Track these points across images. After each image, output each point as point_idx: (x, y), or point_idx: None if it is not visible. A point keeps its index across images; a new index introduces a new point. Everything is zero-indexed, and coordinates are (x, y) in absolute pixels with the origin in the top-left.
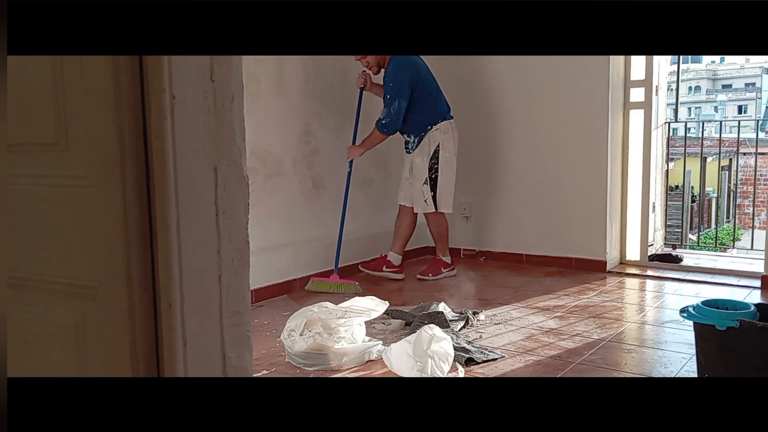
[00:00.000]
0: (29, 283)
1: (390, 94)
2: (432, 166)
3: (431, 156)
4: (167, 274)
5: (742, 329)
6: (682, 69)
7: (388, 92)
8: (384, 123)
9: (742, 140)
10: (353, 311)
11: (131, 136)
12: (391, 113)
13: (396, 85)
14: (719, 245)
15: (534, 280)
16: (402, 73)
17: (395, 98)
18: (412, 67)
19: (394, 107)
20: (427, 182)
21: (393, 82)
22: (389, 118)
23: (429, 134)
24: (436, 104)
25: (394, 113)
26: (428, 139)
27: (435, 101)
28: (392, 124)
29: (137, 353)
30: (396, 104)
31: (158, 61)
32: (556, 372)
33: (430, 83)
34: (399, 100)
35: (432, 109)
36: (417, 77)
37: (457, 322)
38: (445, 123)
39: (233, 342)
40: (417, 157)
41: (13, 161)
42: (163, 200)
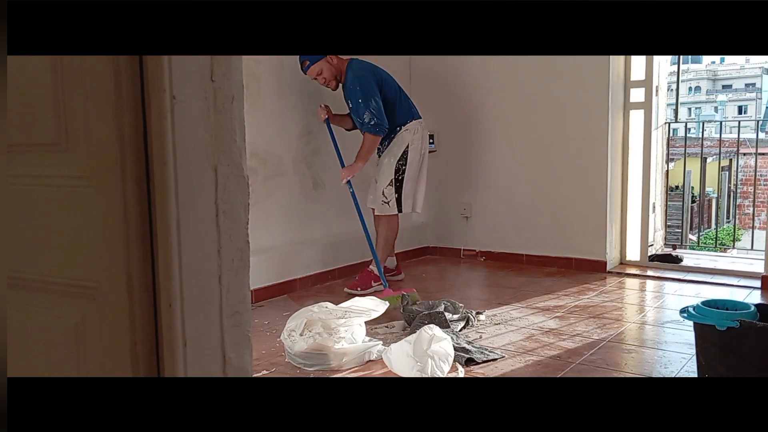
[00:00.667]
0: (29, 283)
1: (362, 98)
2: (399, 167)
3: (399, 157)
4: (167, 274)
5: (742, 329)
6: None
7: (359, 96)
8: (372, 124)
9: (742, 140)
10: (353, 311)
11: (131, 136)
12: (373, 112)
13: (363, 87)
14: (719, 245)
15: (534, 280)
16: (364, 75)
17: (369, 98)
18: (371, 69)
19: (372, 106)
20: (392, 183)
21: (359, 86)
22: (375, 117)
23: (398, 135)
24: (402, 105)
25: (376, 111)
26: (398, 139)
27: (400, 102)
28: (381, 122)
29: (137, 353)
30: (373, 102)
31: (158, 61)
32: (556, 372)
33: (393, 85)
34: (373, 98)
35: (399, 110)
36: (380, 79)
37: (458, 322)
38: (414, 123)
39: (233, 342)
40: (385, 158)
41: (13, 161)
42: (163, 200)
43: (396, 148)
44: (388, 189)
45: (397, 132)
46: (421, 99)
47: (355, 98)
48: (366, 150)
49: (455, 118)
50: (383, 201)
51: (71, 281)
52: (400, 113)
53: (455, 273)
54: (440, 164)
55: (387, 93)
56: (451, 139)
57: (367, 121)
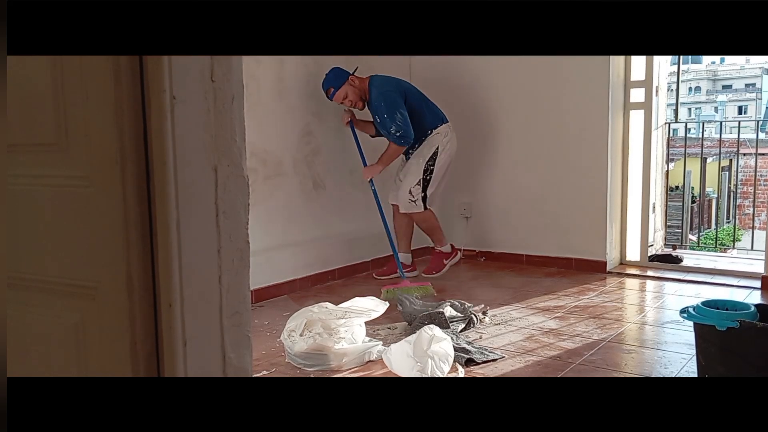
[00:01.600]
0: (29, 283)
1: (387, 113)
2: (428, 167)
3: (429, 158)
4: (167, 274)
5: (742, 330)
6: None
7: (385, 112)
8: (398, 135)
9: (742, 141)
10: (353, 312)
11: (131, 136)
12: (399, 124)
13: (387, 102)
14: (719, 246)
15: (534, 280)
16: (387, 89)
17: (394, 111)
18: (394, 83)
19: (398, 118)
20: (420, 183)
21: (384, 101)
22: (401, 129)
23: (428, 138)
24: (429, 111)
25: (402, 123)
26: (428, 142)
27: (427, 109)
28: (406, 133)
29: (137, 353)
30: (399, 115)
31: (158, 61)
32: (556, 372)
33: (416, 94)
34: (398, 111)
35: (427, 116)
36: (403, 90)
37: (458, 323)
38: (444, 126)
39: (233, 342)
40: (414, 158)
41: (13, 161)
42: (163, 200)
43: (426, 150)
44: (416, 188)
45: (428, 135)
46: None
47: (381, 113)
48: (388, 156)
49: (455, 119)
50: (410, 200)
51: (71, 281)
52: (429, 118)
53: (455, 273)
54: None
55: (412, 103)
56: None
57: (393, 132)
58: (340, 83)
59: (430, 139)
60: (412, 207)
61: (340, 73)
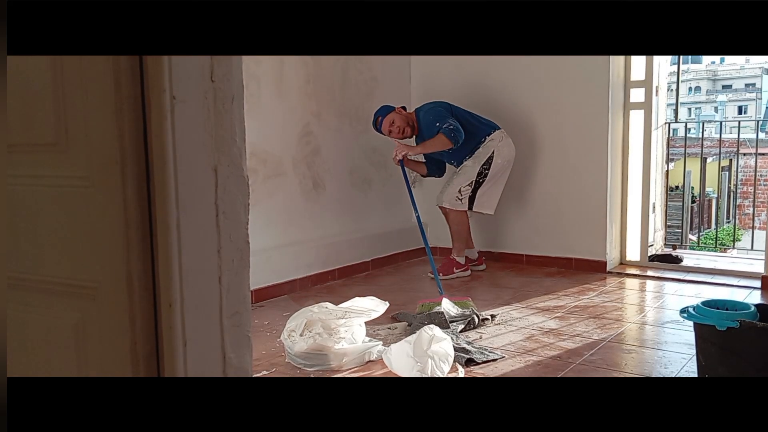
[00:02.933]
0: (29, 283)
1: (438, 120)
2: (483, 171)
3: (484, 162)
4: (167, 274)
5: (742, 330)
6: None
7: (436, 121)
8: (451, 128)
9: (742, 141)
10: (353, 312)
11: (131, 136)
12: (451, 123)
13: (437, 113)
14: (719, 246)
15: (534, 280)
16: (434, 107)
17: (445, 119)
18: (440, 103)
19: (450, 122)
20: (472, 184)
21: (432, 115)
22: (453, 125)
23: (484, 145)
24: (478, 123)
25: (454, 125)
26: (483, 148)
27: (476, 121)
28: (459, 132)
29: (137, 353)
30: (449, 121)
31: (158, 61)
32: (556, 372)
33: (462, 111)
34: (448, 119)
35: (477, 127)
36: (449, 107)
37: (458, 323)
38: (498, 132)
39: (233, 342)
40: (470, 161)
41: (13, 161)
42: (163, 200)
43: (482, 155)
44: (466, 188)
45: (482, 143)
46: (421, 99)
47: (432, 123)
48: (432, 144)
49: None
50: (457, 197)
51: (71, 281)
52: (480, 129)
53: None
54: None
55: (459, 118)
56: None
57: (445, 126)
58: (386, 111)
59: (485, 145)
60: (456, 204)
61: (387, 106)
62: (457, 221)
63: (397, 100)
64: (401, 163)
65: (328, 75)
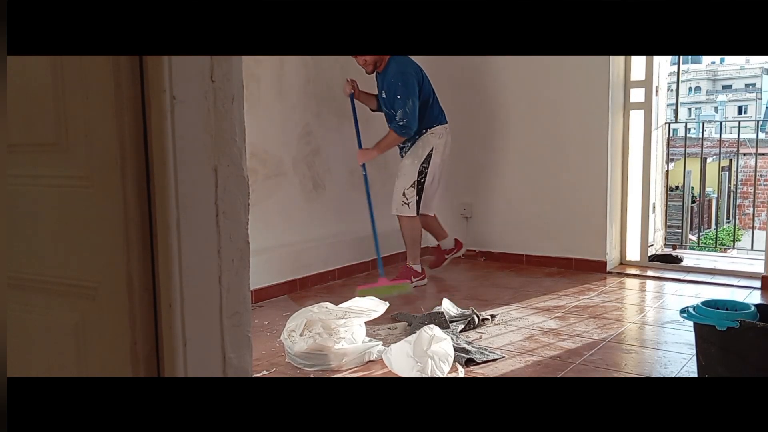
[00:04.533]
0: (29, 283)
1: (401, 95)
2: (423, 170)
3: (423, 160)
4: (167, 274)
5: (742, 330)
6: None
7: (399, 92)
8: (402, 124)
9: (742, 141)
10: (353, 312)
11: (131, 136)
12: (407, 113)
13: (406, 84)
14: (719, 246)
15: (534, 280)
16: (409, 73)
17: (408, 97)
18: (415, 68)
19: (409, 107)
20: (415, 185)
21: (402, 82)
22: (406, 118)
23: (423, 138)
24: (432, 109)
25: (411, 113)
26: (422, 142)
27: (432, 105)
28: (410, 124)
29: (137, 353)
30: (410, 103)
31: (158, 61)
32: (556, 372)
33: (429, 87)
34: (412, 99)
35: (429, 113)
36: (420, 79)
37: (458, 323)
38: (441, 127)
39: (233, 342)
40: (407, 158)
41: (13, 161)
42: (163, 200)
43: (420, 150)
44: (410, 191)
45: (422, 134)
46: None
47: (394, 92)
48: (386, 144)
49: (455, 119)
50: (404, 202)
51: (71, 281)
52: (429, 116)
53: (455, 273)
54: None
55: (423, 94)
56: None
57: (398, 119)
58: None
59: (424, 138)
60: (404, 210)
61: None
62: (409, 227)
63: None
64: (351, 96)
65: (328, 75)
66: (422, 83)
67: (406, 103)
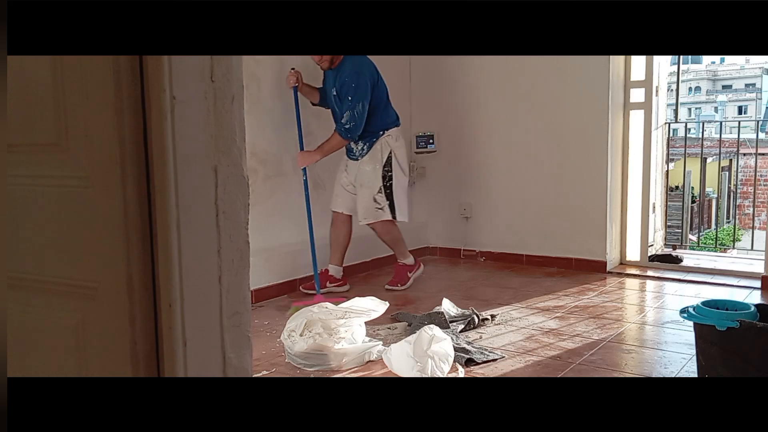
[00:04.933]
0: (29, 283)
1: (353, 96)
2: (386, 173)
3: (384, 163)
4: (167, 274)
5: (742, 330)
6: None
7: (351, 93)
8: (348, 128)
9: (742, 141)
10: (353, 312)
11: (131, 136)
12: (355, 117)
13: (359, 86)
14: (719, 246)
15: (534, 280)
16: (364, 74)
17: (359, 100)
18: (371, 69)
19: (358, 110)
20: (382, 191)
21: (356, 83)
22: (353, 122)
23: (381, 140)
24: (388, 109)
25: (358, 117)
26: (380, 145)
27: (387, 106)
28: (356, 128)
29: (137, 353)
30: (360, 107)
31: (158, 61)
32: (556, 372)
33: (383, 89)
34: (363, 102)
35: (384, 114)
36: (374, 81)
37: (458, 323)
38: (396, 129)
39: (233, 342)
40: (367, 164)
41: (13, 161)
42: (163, 200)
43: (380, 154)
44: (380, 195)
45: (379, 136)
46: (421, 99)
47: (345, 92)
48: (330, 147)
49: (455, 118)
50: (377, 207)
51: (71, 281)
52: (384, 117)
53: (455, 273)
54: (440, 164)
55: (377, 95)
56: (451, 139)
57: (343, 122)
58: None
59: (381, 141)
60: (379, 215)
61: None
62: (386, 231)
63: (397, 100)
64: (295, 89)
65: None
66: (376, 85)
67: (355, 106)
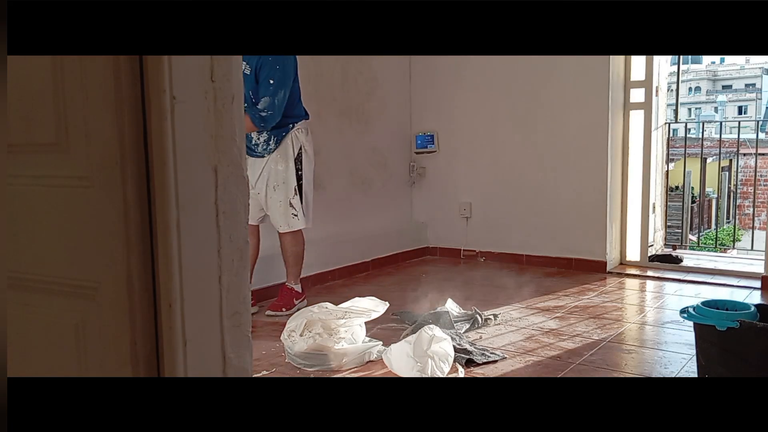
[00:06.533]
0: (29, 283)
1: (275, 81)
2: (297, 170)
3: (296, 158)
4: (167, 274)
5: (742, 330)
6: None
7: (272, 77)
8: (264, 116)
9: (742, 141)
10: (353, 312)
11: (131, 136)
12: (274, 105)
13: (284, 71)
14: (719, 246)
15: (534, 280)
16: (290, 61)
17: (282, 87)
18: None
19: (278, 98)
20: (297, 193)
21: (282, 67)
22: (271, 110)
23: (291, 134)
24: (300, 104)
25: (278, 106)
26: (290, 140)
27: (299, 98)
28: (272, 118)
29: (137, 353)
30: (281, 95)
31: (158, 61)
32: (556, 372)
33: (297, 80)
34: (284, 90)
35: (297, 104)
36: (296, 69)
37: (462, 323)
38: (305, 123)
39: (233, 342)
40: (279, 163)
41: (13, 161)
42: (163, 200)
43: (291, 150)
44: (295, 199)
45: (288, 129)
46: (421, 99)
47: (267, 76)
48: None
49: (455, 118)
50: (293, 214)
51: (71, 281)
52: (295, 110)
53: (455, 273)
54: (440, 164)
55: (296, 87)
56: (451, 139)
57: (260, 108)
58: None
59: (291, 134)
60: (295, 223)
61: None
62: (293, 242)
63: (397, 100)
64: None
65: (328, 75)
66: (295, 75)
67: (276, 93)
